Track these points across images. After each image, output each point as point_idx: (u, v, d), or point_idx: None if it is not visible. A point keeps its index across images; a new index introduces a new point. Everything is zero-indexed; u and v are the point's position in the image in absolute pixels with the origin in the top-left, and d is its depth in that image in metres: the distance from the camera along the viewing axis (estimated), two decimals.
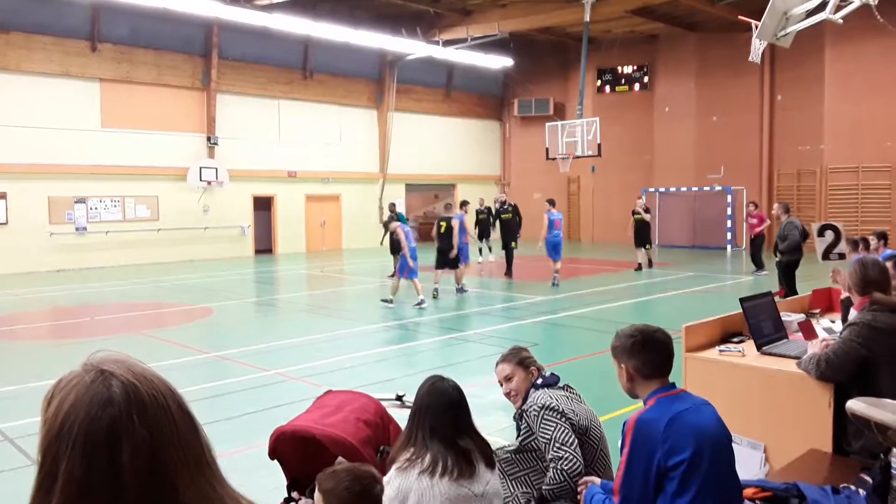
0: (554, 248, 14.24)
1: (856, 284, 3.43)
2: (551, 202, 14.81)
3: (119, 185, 19.49)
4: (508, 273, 15.74)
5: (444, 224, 13.35)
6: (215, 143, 21.01)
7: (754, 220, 15.89)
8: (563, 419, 2.92)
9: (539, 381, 3.17)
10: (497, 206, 17.53)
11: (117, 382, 0.91)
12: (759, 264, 15.68)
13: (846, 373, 3.20)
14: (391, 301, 11.92)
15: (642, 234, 16.70)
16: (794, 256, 10.80)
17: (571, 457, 2.83)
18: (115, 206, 19.56)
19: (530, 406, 3.03)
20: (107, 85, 19.15)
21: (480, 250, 19.38)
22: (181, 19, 19.11)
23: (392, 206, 17.13)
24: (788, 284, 10.55)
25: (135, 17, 18.73)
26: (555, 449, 2.86)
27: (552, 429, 2.90)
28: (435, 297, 12.76)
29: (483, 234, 19.09)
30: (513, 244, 15.98)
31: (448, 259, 13.15)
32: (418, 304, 11.69)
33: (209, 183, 20.70)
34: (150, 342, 9.35)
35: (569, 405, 3.03)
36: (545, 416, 2.92)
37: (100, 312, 11.85)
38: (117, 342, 9.18)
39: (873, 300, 3.26)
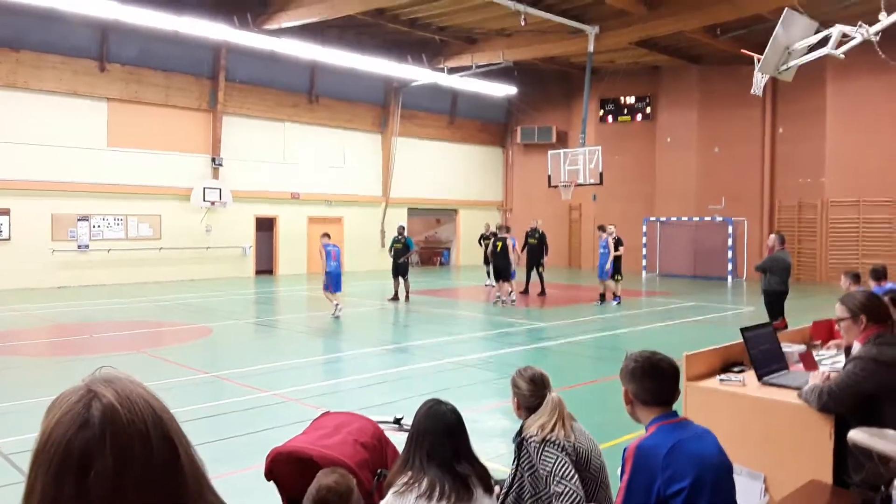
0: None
1: (866, 315, 3.36)
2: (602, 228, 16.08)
3: (122, 203, 19.58)
4: (542, 293, 16.96)
5: (500, 244, 15.40)
6: (220, 164, 21.15)
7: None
8: (563, 452, 2.90)
9: None
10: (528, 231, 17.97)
11: (98, 405, 0.91)
12: None
13: (848, 405, 3.19)
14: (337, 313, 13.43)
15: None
16: (774, 288, 10.62)
17: (573, 491, 2.80)
18: (117, 224, 19.63)
19: (531, 438, 2.99)
20: (114, 104, 19.33)
21: (489, 273, 19.41)
22: (190, 42, 19.37)
23: (401, 229, 17.05)
24: (772, 315, 10.39)
25: (144, 38, 18.97)
26: (556, 483, 2.83)
27: (552, 461, 2.86)
28: (496, 304, 15.17)
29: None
30: (540, 269, 17.16)
31: (501, 273, 15.28)
32: (334, 313, 13.38)
33: (212, 203, 20.79)
34: (149, 361, 9.32)
35: (559, 440, 2.98)
36: (545, 450, 2.88)
37: (100, 330, 11.83)
38: (116, 360, 9.15)
39: (878, 333, 3.25)
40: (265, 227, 22.91)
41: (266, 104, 22.26)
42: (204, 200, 20.61)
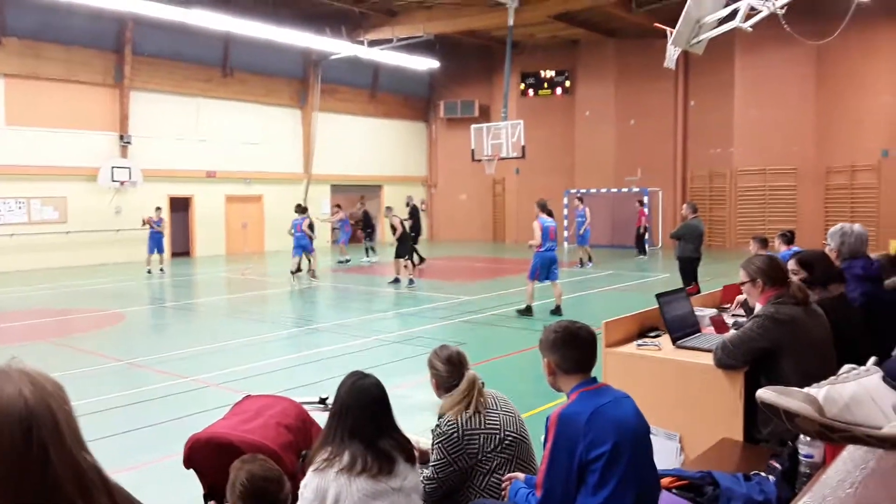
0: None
1: (760, 280, 3.55)
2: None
3: (24, 185, 18.43)
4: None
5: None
6: (128, 142, 20.18)
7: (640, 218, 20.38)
8: (455, 452, 2.89)
9: None
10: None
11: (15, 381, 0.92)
12: (642, 250, 20.21)
13: (741, 361, 3.36)
14: None
15: None
16: (687, 254, 11.06)
17: (435, 484, 2.92)
18: (19, 207, 18.50)
19: (437, 426, 3.00)
20: (12, 81, 18.10)
21: (367, 251, 20.19)
22: (92, 13, 18.22)
23: (299, 205, 17.51)
24: (686, 280, 10.85)
25: (43, 10, 17.77)
26: (430, 469, 2.94)
27: (437, 459, 2.93)
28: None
29: (368, 236, 20.34)
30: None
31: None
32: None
33: (122, 183, 19.86)
34: (58, 350, 8.87)
35: (477, 422, 2.95)
36: (439, 444, 2.92)
37: (3, 320, 11.15)
38: (22, 350, 8.66)
39: (777, 293, 3.41)
40: (180, 207, 22.06)
41: (177, 78, 21.31)
42: (112, 180, 19.66)
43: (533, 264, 10.71)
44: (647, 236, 22.53)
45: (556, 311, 10.71)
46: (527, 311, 10.73)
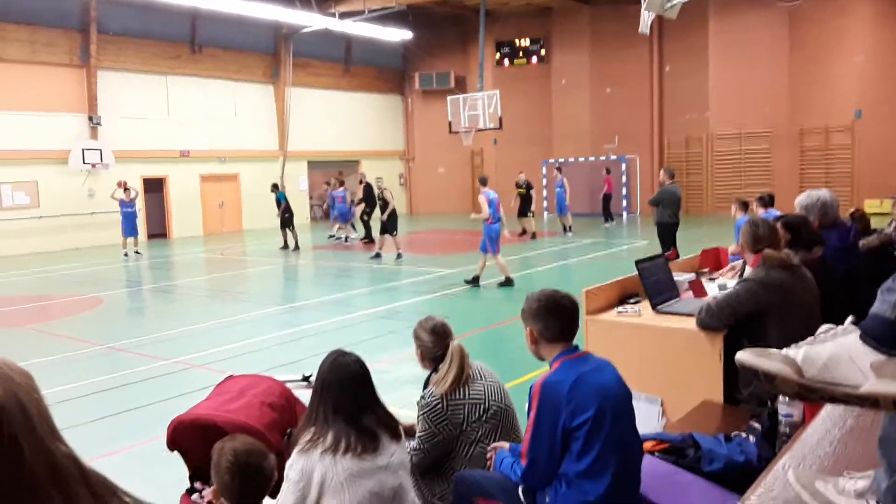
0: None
1: (748, 243, 3.58)
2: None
3: None
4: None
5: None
6: (98, 123, 19.77)
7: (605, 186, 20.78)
8: (440, 422, 2.96)
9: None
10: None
11: None
12: (608, 217, 20.47)
13: (723, 321, 3.41)
14: None
15: (524, 205, 17.86)
16: (665, 220, 11.11)
17: (421, 454, 3.01)
18: None
19: (422, 398, 3.05)
20: None
21: (353, 226, 19.87)
22: None
23: (273, 187, 18.19)
24: (664, 246, 10.91)
25: None
26: (416, 440, 3.03)
27: (423, 429, 3.01)
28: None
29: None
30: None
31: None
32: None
33: (93, 165, 19.50)
34: (36, 336, 8.76)
35: (462, 392, 2.99)
36: (424, 415, 2.99)
37: None
38: (0, 338, 8.56)
39: (766, 257, 3.42)
40: (154, 188, 21.75)
41: (144, 56, 20.84)
42: (84, 163, 19.30)
43: (488, 237, 10.66)
44: (623, 204, 22.70)
45: (474, 281, 10.87)
46: (507, 283, 10.77)
